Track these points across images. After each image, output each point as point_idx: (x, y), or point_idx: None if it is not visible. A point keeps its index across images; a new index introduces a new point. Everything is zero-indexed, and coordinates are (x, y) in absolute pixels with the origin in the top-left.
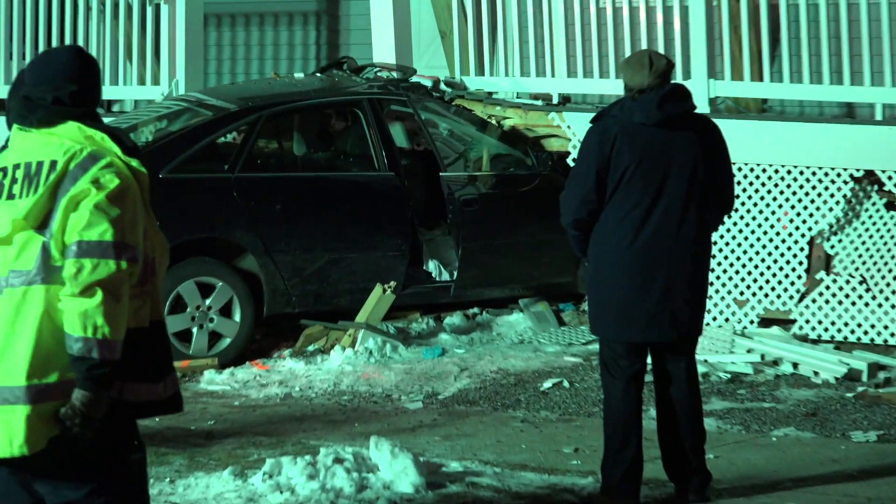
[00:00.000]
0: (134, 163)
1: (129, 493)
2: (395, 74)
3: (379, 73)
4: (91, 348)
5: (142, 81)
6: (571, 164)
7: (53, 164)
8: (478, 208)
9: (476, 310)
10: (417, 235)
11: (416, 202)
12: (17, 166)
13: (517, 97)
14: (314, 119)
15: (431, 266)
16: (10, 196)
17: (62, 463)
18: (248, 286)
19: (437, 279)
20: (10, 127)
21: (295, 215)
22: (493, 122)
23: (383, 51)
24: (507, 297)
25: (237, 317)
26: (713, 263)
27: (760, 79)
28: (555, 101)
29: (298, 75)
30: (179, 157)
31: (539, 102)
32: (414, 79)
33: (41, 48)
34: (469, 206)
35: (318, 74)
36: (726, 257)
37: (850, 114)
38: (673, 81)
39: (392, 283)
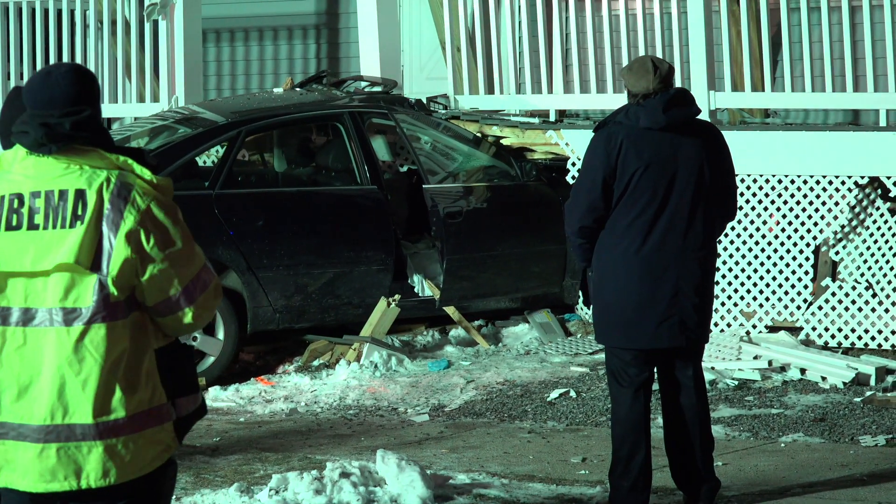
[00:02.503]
0: (157, 179)
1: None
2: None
3: (360, 86)
4: None
5: (141, 99)
6: (571, 180)
7: (80, 193)
8: (462, 220)
9: (481, 321)
10: (402, 249)
11: (399, 215)
12: (35, 194)
13: (518, 112)
14: (295, 134)
15: (416, 280)
16: (33, 226)
17: (113, 494)
18: (232, 303)
19: (422, 293)
20: (3, 148)
21: (277, 231)
22: (478, 134)
23: (369, 64)
24: (509, 309)
25: (220, 335)
26: (720, 272)
27: (762, 85)
28: (552, 117)
29: (277, 90)
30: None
31: (536, 120)
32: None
33: (39, 66)
34: (453, 218)
35: (298, 89)
36: (730, 269)
37: (854, 120)
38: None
39: (396, 297)
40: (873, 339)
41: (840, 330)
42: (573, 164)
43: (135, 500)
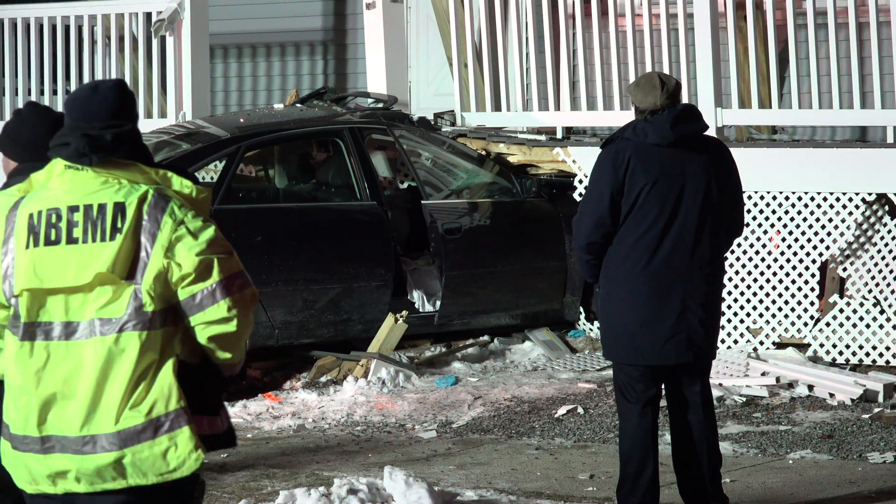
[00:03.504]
0: (195, 193)
1: None
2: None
3: (360, 102)
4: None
5: (148, 114)
6: (578, 197)
7: (119, 206)
8: (461, 236)
9: (487, 337)
10: (401, 265)
11: (400, 231)
12: (73, 208)
13: (525, 129)
14: (295, 149)
15: (416, 296)
16: (72, 240)
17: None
18: None
19: (421, 309)
20: (43, 160)
21: (276, 247)
22: (481, 151)
23: (376, 80)
24: (510, 326)
25: None
26: (727, 289)
27: (769, 102)
28: (559, 134)
29: (278, 106)
30: None
31: (543, 137)
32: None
33: (48, 82)
34: (452, 234)
35: (298, 105)
36: (737, 285)
37: (861, 136)
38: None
39: (404, 313)
40: (881, 355)
41: (848, 346)
42: (580, 182)
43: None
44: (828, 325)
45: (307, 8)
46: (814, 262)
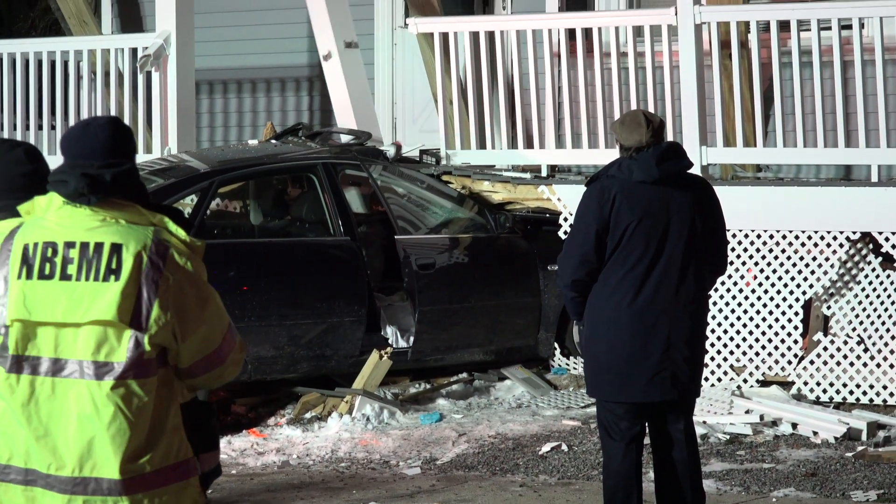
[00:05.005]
0: (190, 239)
1: None
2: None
3: (335, 138)
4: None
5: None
6: (563, 235)
7: (116, 248)
8: (434, 272)
9: (466, 374)
10: (375, 301)
11: (374, 267)
12: (69, 244)
13: (510, 168)
14: (269, 184)
15: (389, 332)
16: (66, 276)
17: None
18: None
19: (395, 345)
20: (13, 199)
21: (249, 282)
22: (461, 189)
23: (344, 118)
24: (484, 362)
25: None
26: (711, 326)
27: (754, 140)
28: (544, 172)
29: (252, 141)
30: None
31: (528, 175)
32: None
33: (34, 117)
34: (425, 269)
35: (273, 141)
36: (720, 323)
37: (846, 175)
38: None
39: (388, 349)
40: (865, 393)
41: (832, 385)
42: (565, 220)
43: None
44: (812, 363)
45: (291, 44)
46: (798, 300)
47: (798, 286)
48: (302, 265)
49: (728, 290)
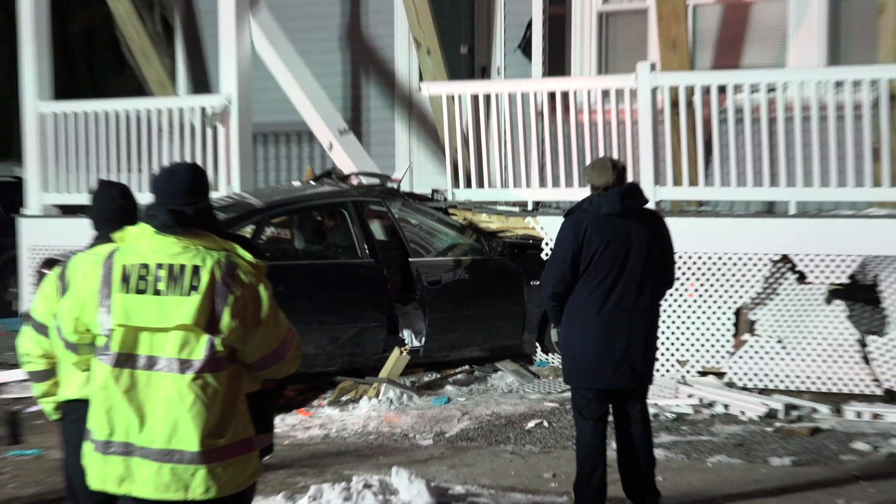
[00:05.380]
0: (255, 261)
1: None
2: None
3: (362, 180)
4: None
5: None
6: (545, 256)
7: (196, 269)
8: (440, 287)
9: (468, 367)
10: (394, 310)
11: (393, 283)
12: (159, 265)
13: (503, 203)
14: (309, 217)
15: (405, 334)
16: (157, 292)
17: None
18: None
19: (410, 345)
20: (110, 229)
21: (295, 296)
22: (462, 220)
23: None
24: (481, 358)
25: None
26: (662, 329)
27: (697, 181)
28: (530, 206)
29: (296, 183)
30: None
31: (517, 209)
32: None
33: (122, 164)
34: (433, 285)
35: (312, 182)
36: (668, 326)
37: (770, 209)
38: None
39: (407, 346)
40: (782, 382)
41: (756, 375)
42: (546, 244)
43: None
44: (741, 357)
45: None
46: (730, 307)
47: (730, 297)
48: (337, 282)
49: (675, 301)
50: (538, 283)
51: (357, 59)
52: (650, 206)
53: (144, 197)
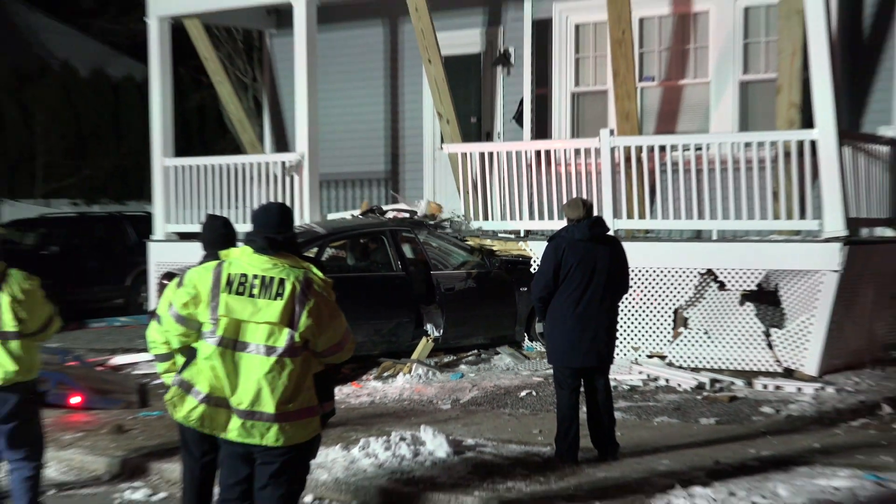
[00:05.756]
0: (324, 277)
1: (309, 461)
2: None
3: (395, 214)
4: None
5: None
6: (533, 271)
7: (282, 281)
8: (455, 293)
9: (476, 351)
10: (420, 309)
11: (418, 289)
12: (255, 276)
13: (502, 231)
14: (358, 241)
15: (428, 327)
16: (251, 295)
17: (284, 454)
18: None
19: (432, 335)
20: (215, 250)
21: (348, 299)
22: (470, 243)
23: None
24: (485, 344)
25: None
26: (620, 323)
27: (645, 215)
28: (522, 234)
29: (348, 215)
30: None
31: (513, 236)
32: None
33: (223, 203)
34: (449, 291)
35: (359, 215)
36: (624, 321)
37: (697, 236)
38: (594, 215)
39: (433, 335)
40: (708, 362)
41: (689, 357)
42: (534, 261)
43: (293, 459)
44: (678, 344)
45: (371, 159)
46: (670, 307)
47: (670, 300)
48: (379, 289)
49: (630, 303)
50: (526, 289)
51: (396, 125)
52: (611, 233)
53: (240, 227)
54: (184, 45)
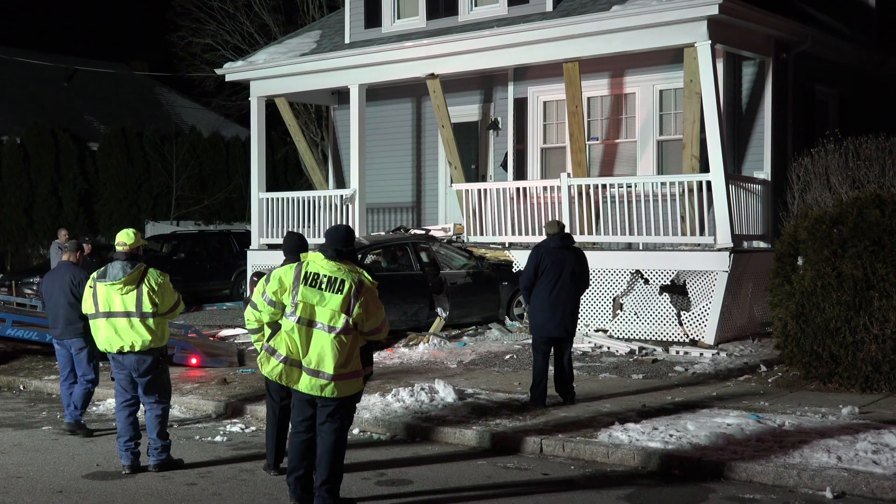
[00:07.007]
0: (372, 280)
1: (354, 405)
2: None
3: (415, 232)
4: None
5: None
6: (516, 270)
7: (343, 280)
8: (458, 286)
9: (475, 327)
10: (432, 298)
11: (432, 284)
12: (325, 276)
13: (494, 243)
14: (390, 250)
15: (439, 310)
16: (321, 288)
17: (337, 401)
18: None
19: (442, 315)
20: (293, 256)
21: (384, 291)
22: (468, 251)
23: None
24: (479, 322)
25: None
26: (582, 307)
27: (593, 233)
28: (507, 244)
29: (381, 233)
30: None
31: (501, 247)
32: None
33: (300, 223)
34: (454, 285)
35: (391, 232)
36: (584, 306)
37: (629, 247)
38: (565, 231)
39: (446, 314)
40: (638, 335)
41: (624, 331)
42: (517, 265)
43: (343, 404)
44: (616, 322)
45: (401, 190)
46: (610, 295)
47: (611, 290)
48: (405, 284)
49: (588, 294)
50: (507, 283)
51: (419, 170)
52: (576, 244)
53: (311, 240)
54: (274, 116)
